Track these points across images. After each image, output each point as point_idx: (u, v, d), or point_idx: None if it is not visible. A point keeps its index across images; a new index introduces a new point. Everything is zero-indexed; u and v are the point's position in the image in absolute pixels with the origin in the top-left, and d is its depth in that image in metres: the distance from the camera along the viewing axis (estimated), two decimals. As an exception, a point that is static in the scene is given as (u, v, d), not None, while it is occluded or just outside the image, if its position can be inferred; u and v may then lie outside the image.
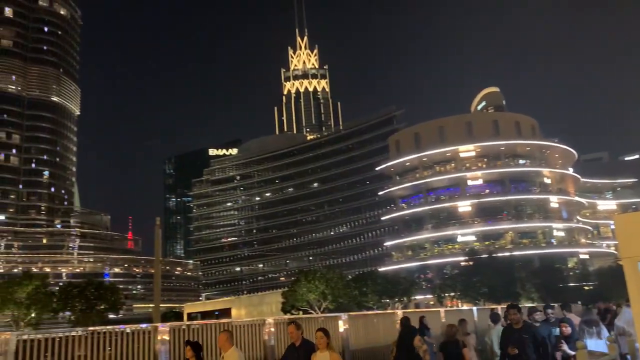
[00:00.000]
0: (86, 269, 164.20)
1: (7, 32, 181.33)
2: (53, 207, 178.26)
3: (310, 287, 60.97)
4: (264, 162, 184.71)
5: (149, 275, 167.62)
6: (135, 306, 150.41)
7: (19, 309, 54.73)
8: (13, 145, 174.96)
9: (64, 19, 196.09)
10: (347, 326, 21.32)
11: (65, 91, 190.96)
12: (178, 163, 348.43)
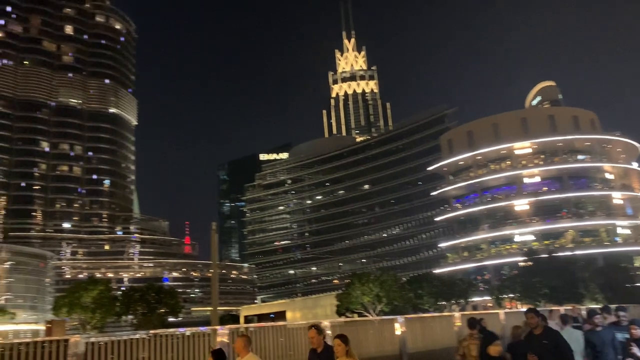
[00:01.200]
0: (146, 274, 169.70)
1: (68, 49, 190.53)
2: (114, 215, 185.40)
3: (364, 289, 60.64)
4: (314, 166, 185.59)
5: (206, 279, 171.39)
6: (194, 309, 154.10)
7: (85, 313, 57.04)
8: (76, 156, 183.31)
9: (119, 34, 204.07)
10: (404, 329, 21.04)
11: (123, 103, 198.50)
12: (231, 169, 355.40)
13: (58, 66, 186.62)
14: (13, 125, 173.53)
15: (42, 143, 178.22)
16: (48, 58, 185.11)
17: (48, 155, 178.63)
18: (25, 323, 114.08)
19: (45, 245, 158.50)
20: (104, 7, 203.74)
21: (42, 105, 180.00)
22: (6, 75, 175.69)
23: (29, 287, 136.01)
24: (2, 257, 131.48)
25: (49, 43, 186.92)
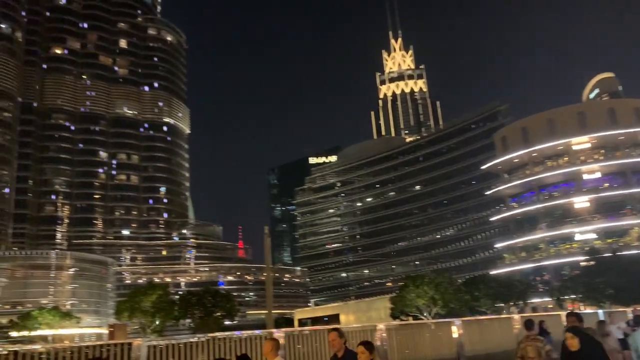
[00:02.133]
0: (202, 278, 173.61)
1: (123, 62, 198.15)
2: (170, 221, 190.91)
3: (418, 292, 59.84)
4: (363, 167, 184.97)
5: (260, 283, 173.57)
6: (249, 313, 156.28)
7: (146, 317, 58.93)
8: (133, 165, 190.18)
9: (171, 45, 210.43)
10: (462, 332, 20.56)
11: (176, 112, 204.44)
12: (281, 173, 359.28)
13: (114, 79, 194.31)
14: (74, 137, 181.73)
15: (102, 154, 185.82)
16: (105, 72, 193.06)
17: (107, 165, 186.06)
18: (90, 327, 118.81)
19: (106, 252, 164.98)
20: (155, 20, 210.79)
21: (100, 117, 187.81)
22: (67, 90, 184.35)
23: (92, 292, 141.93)
24: (67, 264, 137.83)
25: (105, 57, 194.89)
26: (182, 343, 13.32)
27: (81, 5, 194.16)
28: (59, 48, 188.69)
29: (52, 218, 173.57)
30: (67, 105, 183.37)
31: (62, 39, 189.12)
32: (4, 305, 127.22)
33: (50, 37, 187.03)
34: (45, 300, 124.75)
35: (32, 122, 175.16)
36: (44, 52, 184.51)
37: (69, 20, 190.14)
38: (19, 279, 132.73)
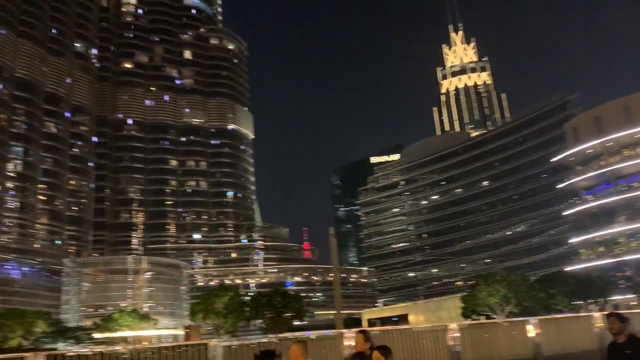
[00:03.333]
0: (271, 279, 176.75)
1: (188, 72, 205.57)
2: (238, 224, 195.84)
3: (490, 290, 58.27)
4: (427, 165, 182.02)
5: (327, 283, 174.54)
6: (317, 313, 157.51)
7: (219, 318, 60.74)
8: (201, 171, 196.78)
9: (232, 53, 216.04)
10: (538, 331, 19.83)
11: (240, 118, 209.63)
12: (343, 173, 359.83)
13: (180, 89, 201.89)
14: (145, 147, 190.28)
15: (172, 162, 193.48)
16: (171, 83, 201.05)
17: (177, 172, 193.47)
18: (166, 328, 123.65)
19: (179, 256, 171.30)
20: (217, 29, 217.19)
21: (169, 127, 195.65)
22: (137, 102, 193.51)
23: (167, 294, 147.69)
24: (144, 268, 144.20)
25: (171, 69, 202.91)
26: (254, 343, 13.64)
27: (147, 20, 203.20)
28: (128, 62, 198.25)
29: (128, 225, 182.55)
30: (138, 116, 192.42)
31: (131, 54, 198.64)
32: (87, 308, 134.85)
33: (120, 53, 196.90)
34: (124, 303, 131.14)
35: (106, 135, 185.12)
36: (114, 67, 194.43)
37: (136, 35, 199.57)
38: (100, 283, 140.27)
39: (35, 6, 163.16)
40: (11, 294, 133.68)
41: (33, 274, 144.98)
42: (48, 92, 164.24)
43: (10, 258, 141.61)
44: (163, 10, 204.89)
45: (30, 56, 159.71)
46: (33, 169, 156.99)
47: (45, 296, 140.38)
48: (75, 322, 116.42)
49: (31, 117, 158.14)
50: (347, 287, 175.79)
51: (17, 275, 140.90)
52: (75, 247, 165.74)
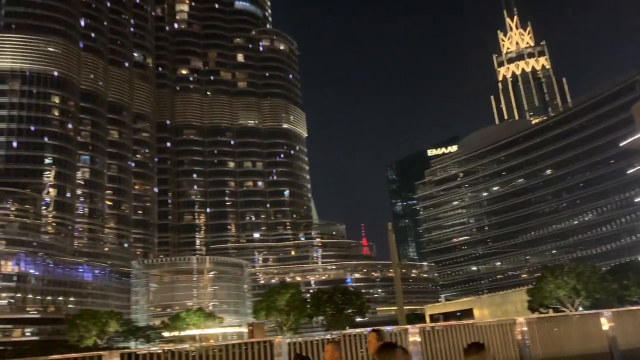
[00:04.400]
0: (330, 276, 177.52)
1: (242, 75, 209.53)
2: (296, 222, 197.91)
3: (558, 283, 56.17)
4: (487, 155, 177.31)
5: (387, 279, 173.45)
6: (378, 309, 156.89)
7: (281, 315, 61.64)
8: (258, 172, 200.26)
9: (283, 53, 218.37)
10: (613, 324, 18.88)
11: (293, 117, 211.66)
12: (399, 168, 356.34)
13: (235, 92, 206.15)
14: (204, 150, 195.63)
15: (229, 163, 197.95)
16: (226, 86, 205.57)
17: (235, 173, 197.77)
18: (230, 326, 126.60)
19: (240, 255, 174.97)
20: (267, 31, 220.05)
21: (225, 130, 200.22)
22: (194, 107, 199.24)
23: (230, 293, 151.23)
24: (208, 268, 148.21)
25: (225, 72, 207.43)
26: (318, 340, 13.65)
27: (200, 27, 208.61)
28: (184, 69, 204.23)
29: (191, 226, 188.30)
30: (196, 120, 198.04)
31: (186, 60, 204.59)
32: (155, 308, 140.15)
33: (176, 59, 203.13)
34: (190, 302, 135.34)
35: (166, 140, 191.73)
36: (171, 73, 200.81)
37: (190, 41, 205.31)
38: (167, 284, 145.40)
39: (95, 20, 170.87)
40: (85, 296, 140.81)
41: (104, 276, 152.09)
42: (111, 101, 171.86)
43: (82, 261, 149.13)
44: (215, 15, 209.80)
45: (92, 68, 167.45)
46: (100, 175, 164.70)
47: (116, 297, 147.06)
48: (145, 322, 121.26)
49: (96, 127, 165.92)
50: (407, 283, 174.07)
51: (89, 278, 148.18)
52: (142, 249, 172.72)
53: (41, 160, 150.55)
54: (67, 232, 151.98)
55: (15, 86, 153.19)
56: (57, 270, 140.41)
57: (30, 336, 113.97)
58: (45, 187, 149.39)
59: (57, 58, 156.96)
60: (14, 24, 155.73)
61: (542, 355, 17.65)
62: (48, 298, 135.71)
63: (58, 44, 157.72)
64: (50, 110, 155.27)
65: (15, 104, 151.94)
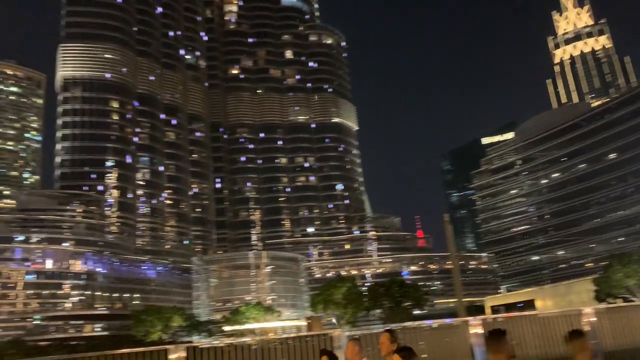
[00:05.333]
0: (386, 269, 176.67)
1: (290, 72, 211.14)
2: (349, 216, 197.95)
3: (627, 271, 53.66)
4: (545, 141, 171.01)
5: (445, 271, 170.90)
6: (436, 302, 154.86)
7: (338, 309, 61.86)
8: (310, 167, 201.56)
9: (331, 47, 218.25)
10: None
11: (343, 111, 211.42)
12: (453, 158, 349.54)
13: (285, 89, 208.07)
14: (256, 148, 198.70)
15: (282, 159, 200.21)
16: (276, 83, 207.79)
17: (287, 169, 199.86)
18: (289, 320, 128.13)
19: (295, 249, 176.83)
20: (315, 26, 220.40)
21: (277, 127, 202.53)
22: (245, 106, 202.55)
23: (287, 287, 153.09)
24: (264, 262, 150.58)
25: (275, 70, 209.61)
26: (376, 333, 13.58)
27: (249, 26, 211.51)
28: (234, 68, 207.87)
29: (247, 222, 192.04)
30: (247, 119, 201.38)
31: (236, 60, 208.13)
32: (216, 303, 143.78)
33: (227, 60, 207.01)
34: (248, 296, 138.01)
35: (220, 139, 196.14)
36: (222, 74, 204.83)
37: (240, 41, 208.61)
38: (226, 279, 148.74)
39: (148, 25, 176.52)
40: (149, 292, 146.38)
41: (166, 273, 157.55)
42: (166, 103, 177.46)
43: (145, 259, 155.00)
44: (263, 14, 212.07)
45: (148, 72, 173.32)
46: (159, 176, 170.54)
47: (178, 293, 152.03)
48: (206, 316, 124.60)
49: (153, 129, 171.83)
50: (466, 274, 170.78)
51: (153, 275, 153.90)
52: (201, 246, 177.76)
53: (103, 163, 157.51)
54: (130, 231, 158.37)
55: (77, 93, 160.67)
56: (122, 268, 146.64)
57: (100, 331, 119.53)
58: (108, 189, 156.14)
59: (114, 64, 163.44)
60: (74, 34, 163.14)
61: (612, 346, 16.89)
62: (115, 295, 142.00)
63: (114, 50, 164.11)
64: (109, 115, 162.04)
65: (77, 110, 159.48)
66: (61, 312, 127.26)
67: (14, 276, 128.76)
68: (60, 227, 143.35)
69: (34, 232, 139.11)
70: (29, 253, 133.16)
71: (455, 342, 14.20)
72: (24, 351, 50.49)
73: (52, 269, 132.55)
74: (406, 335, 13.78)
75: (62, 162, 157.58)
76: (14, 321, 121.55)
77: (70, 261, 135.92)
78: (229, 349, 12.48)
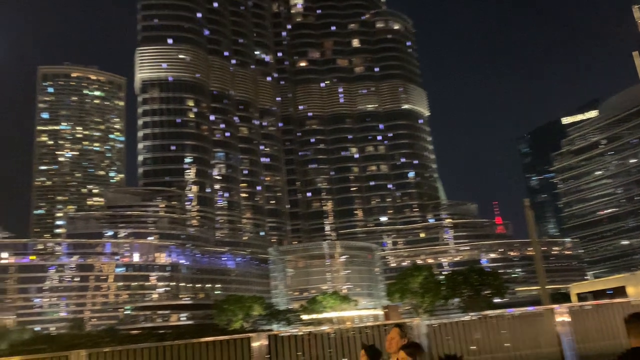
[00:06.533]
0: (464, 257, 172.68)
1: (358, 60, 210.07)
2: (423, 204, 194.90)
3: None
4: (632, 118, 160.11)
5: (526, 258, 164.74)
6: (518, 289, 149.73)
7: (416, 298, 61.26)
8: (380, 155, 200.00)
9: (399, 33, 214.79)
10: None
11: (413, 97, 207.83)
12: (531, 140, 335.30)
13: (353, 78, 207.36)
14: (326, 138, 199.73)
15: (352, 149, 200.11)
16: (343, 73, 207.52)
17: (358, 159, 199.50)
18: (365, 309, 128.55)
19: (369, 239, 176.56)
20: (381, 12, 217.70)
21: (346, 116, 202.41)
22: (314, 97, 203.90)
23: (362, 276, 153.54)
24: (339, 252, 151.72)
25: (342, 60, 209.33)
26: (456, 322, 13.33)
27: (315, 17, 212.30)
28: (302, 61, 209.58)
29: (319, 213, 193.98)
30: (317, 110, 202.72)
31: (304, 53, 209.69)
32: (293, 292, 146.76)
33: (294, 53, 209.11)
34: (325, 286, 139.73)
35: (291, 132, 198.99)
36: (291, 67, 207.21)
37: (307, 33, 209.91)
38: (302, 269, 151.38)
39: (218, 24, 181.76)
40: (229, 282, 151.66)
41: (244, 263, 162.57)
42: (238, 100, 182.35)
43: (225, 250, 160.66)
44: (328, 4, 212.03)
45: (219, 70, 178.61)
46: (234, 170, 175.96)
47: (256, 282, 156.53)
48: (284, 305, 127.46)
49: (227, 125, 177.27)
50: (549, 261, 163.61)
51: (232, 265, 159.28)
52: (276, 237, 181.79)
53: (182, 160, 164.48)
54: (210, 224, 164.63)
55: (155, 94, 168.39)
56: (203, 259, 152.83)
57: (185, 320, 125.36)
58: (187, 184, 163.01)
59: (188, 64, 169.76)
60: (149, 37, 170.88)
61: None
62: (197, 285, 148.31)
63: (188, 50, 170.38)
64: (186, 114, 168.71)
65: (156, 110, 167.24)
66: (149, 303, 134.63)
67: (106, 269, 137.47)
68: (145, 222, 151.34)
69: (122, 227, 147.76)
70: (118, 247, 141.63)
71: (540, 330, 13.65)
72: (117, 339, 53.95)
73: (139, 262, 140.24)
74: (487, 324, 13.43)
75: (144, 161, 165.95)
76: (107, 311, 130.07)
77: (155, 254, 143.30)
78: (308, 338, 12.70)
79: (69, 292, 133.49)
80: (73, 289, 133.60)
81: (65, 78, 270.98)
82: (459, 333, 13.19)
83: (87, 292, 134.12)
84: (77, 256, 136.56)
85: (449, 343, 12.75)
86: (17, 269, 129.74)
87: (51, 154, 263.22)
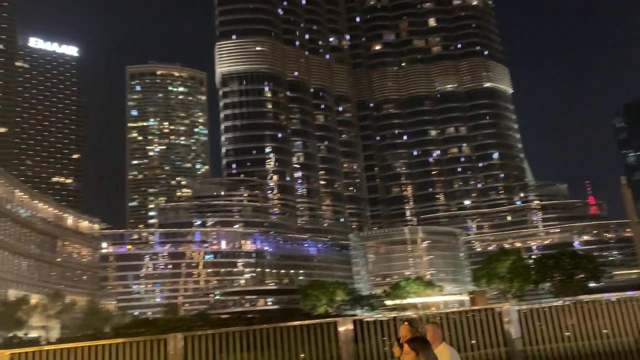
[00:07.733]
0: (554, 240, 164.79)
1: (435, 40, 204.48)
2: (509, 186, 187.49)
3: None
4: None
5: (624, 240, 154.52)
6: (616, 273, 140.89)
7: (503, 282, 59.32)
8: (462, 137, 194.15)
9: (478, 9, 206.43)
10: None
11: (495, 75, 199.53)
12: (629, 113, 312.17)
13: (430, 59, 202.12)
14: (404, 122, 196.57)
15: (431, 132, 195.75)
16: (420, 54, 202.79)
17: (438, 141, 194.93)
18: (451, 294, 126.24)
19: (452, 224, 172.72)
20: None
21: (424, 98, 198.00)
22: (390, 81, 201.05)
23: (447, 262, 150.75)
24: (421, 237, 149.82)
25: (419, 40, 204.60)
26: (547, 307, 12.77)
27: None
28: (377, 44, 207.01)
29: (399, 198, 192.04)
30: (393, 94, 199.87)
31: (379, 35, 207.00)
32: (375, 278, 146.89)
33: (368, 37, 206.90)
34: (407, 271, 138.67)
35: (367, 117, 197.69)
36: (365, 52, 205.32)
37: (381, 16, 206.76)
38: (383, 254, 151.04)
39: (292, 14, 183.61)
40: (312, 268, 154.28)
41: (326, 250, 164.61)
42: (314, 88, 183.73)
43: (306, 237, 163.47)
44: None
45: (295, 60, 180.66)
46: (312, 158, 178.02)
47: (338, 268, 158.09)
48: (367, 291, 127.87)
49: (304, 114, 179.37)
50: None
51: (314, 252, 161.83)
52: (357, 223, 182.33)
53: (263, 149, 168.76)
54: (291, 211, 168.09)
55: (234, 87, 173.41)
56: (286, 246, 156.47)
57: (271, 305, 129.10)
58: (268, 174, 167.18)
59: (264, 56, 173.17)
60: (227, 32, 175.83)
61: None
62: (282, 271, 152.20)
63: (264, 42, 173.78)
64: (264, 105, 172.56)
65: (236, 103, 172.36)
66: (237, 288, 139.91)
67: (196, 257, 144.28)
68: (230, 211, 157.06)
69: (209, 216, 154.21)
70: (206, 236, 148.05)
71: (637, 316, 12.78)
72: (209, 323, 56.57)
73: (226, 249, 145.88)
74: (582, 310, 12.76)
75: (227, 152, 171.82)
76: (198, 296, 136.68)
77: (241, 241, 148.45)
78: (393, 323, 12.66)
79: (162, 279, 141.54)
80: (166, 276, 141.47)
81: (151, 76, 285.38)
82: (552, 318, 12.62)
83: (180, 279, 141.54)
84: (169, 245, 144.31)
85: (541, 329, 12.25)
86: (116, 257, 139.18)
87: (142, 149, 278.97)
